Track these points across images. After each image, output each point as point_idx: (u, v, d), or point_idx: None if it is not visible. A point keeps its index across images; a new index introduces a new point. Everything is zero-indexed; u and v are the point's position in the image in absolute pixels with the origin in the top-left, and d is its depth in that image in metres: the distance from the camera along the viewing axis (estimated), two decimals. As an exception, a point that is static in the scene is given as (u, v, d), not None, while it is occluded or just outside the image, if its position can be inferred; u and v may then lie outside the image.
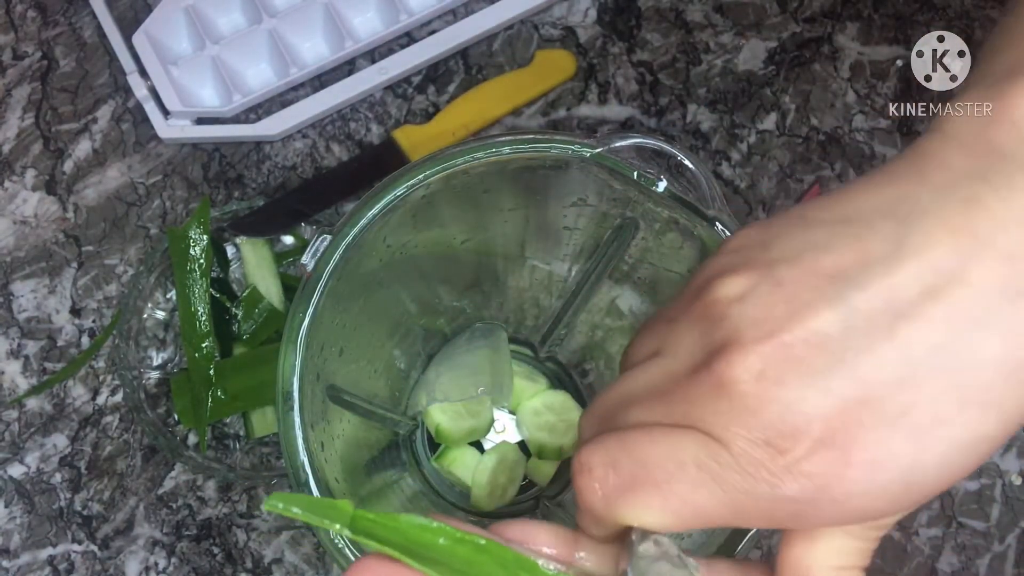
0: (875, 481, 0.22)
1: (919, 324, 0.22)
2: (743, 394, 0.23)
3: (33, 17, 0.62)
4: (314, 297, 0.38)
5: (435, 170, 0.39)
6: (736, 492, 0.23)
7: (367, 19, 0.61)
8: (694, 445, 0.24)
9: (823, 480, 0.22)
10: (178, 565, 0.54)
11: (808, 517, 0.23)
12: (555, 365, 0.55)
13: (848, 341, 0.22)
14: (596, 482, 0.25)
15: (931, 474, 0.22)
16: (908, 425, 0.22)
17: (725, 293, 0.24)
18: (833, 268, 0.23)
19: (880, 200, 0.23)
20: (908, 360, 0.22)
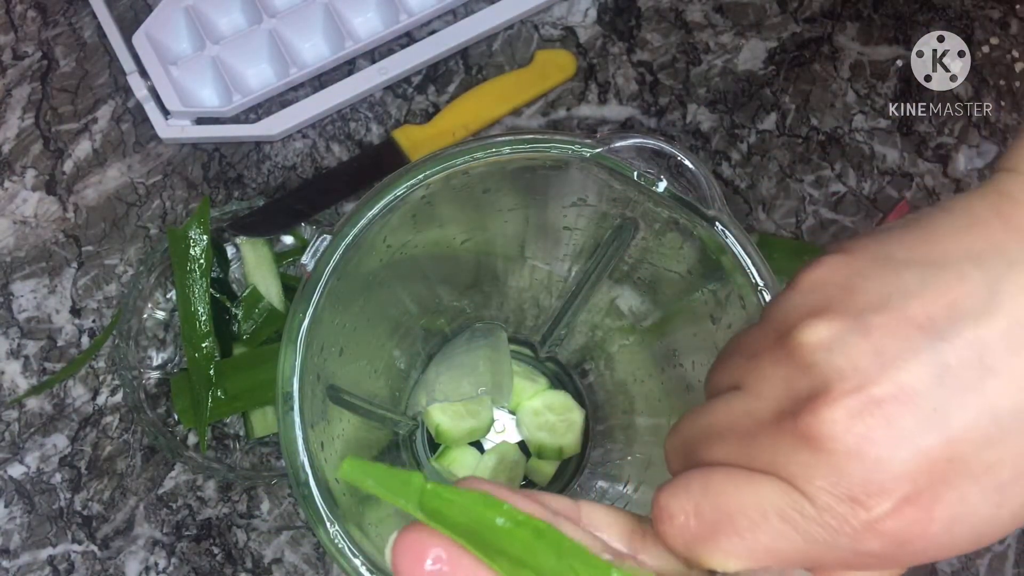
0: (951, 536, 0.23)
1: (1007, 381, 0.22)
2: (830, 449, 0.23)
3: (33, 17, 0.62)
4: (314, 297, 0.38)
5: (435, 170, 0.39)
6: (816, 543, 0.23)
7: (367, 19, 0.61)
8: (777, 494, 0.24)
9: (905, 537, 0.22)
10: (178, 565, 0.54)
11: (881, 566, 0.24)
12: (555, 365, 0.55)
13: (938, 397, 0.22)
14: (677, 530, 0.26)
15: (1003, 527, 0.23)
16: (991, 482, 0.22)
17: (812, 339, 0.24)
18: (923, 317, 0.23)
19: (968, 245, 0.23)
20: (996, 418, 0.22)
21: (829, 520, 0.23)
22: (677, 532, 0.26)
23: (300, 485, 0.36)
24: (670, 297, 0.45)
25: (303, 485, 0.36)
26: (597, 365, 0.53)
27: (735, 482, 0.25)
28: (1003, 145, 0.59)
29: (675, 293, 0.44)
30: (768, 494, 0.24)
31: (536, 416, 0.53)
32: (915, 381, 0.22)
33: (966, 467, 0.22)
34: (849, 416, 0.22)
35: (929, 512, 0.22)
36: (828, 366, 0.23)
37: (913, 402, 0.22)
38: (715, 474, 0.25)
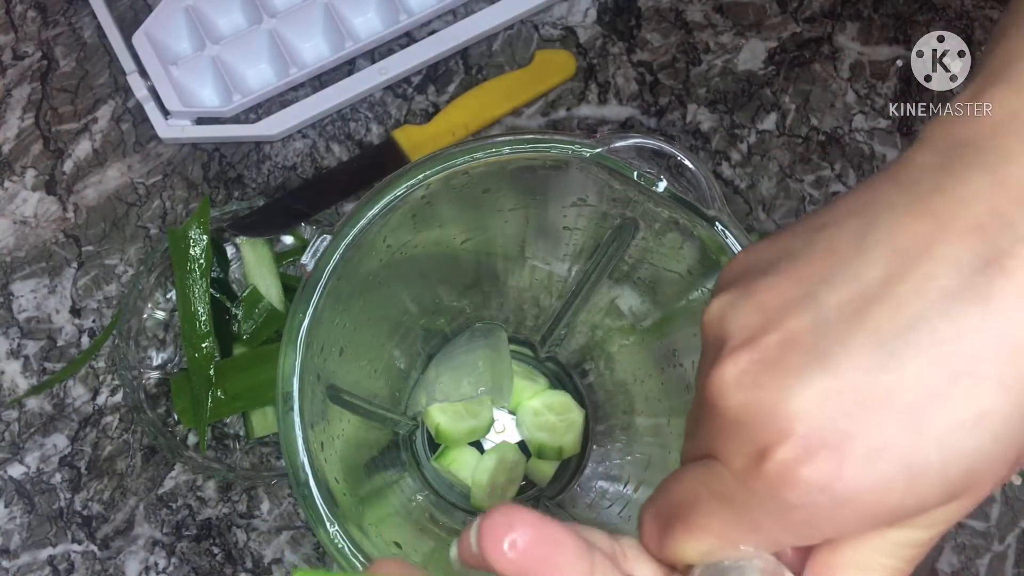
0: (875, 473, 0.21)
1: (887, 305, 0.21)
2: (727, 408, 0.23)
3: (33, 17, 0.62)
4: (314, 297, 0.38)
5: (435, 170, 0.39)
6: (747, 511, 0.23)
7: (367, 19, 0.61)
8: (704, 474, 0.24)
9: (822, 480, 0.21)
10: (178, 565, 0.54)
11: (821, 524, 0.23)
12: (555, 365, 0.55)
13: (820, 336, 0.22)
14: (648, 538, 0.26)
15: (934, 458, 0.21)
16: (897, 407, 0.21)
17: (711, 315, 0.25)
18: (804, 272, 0.23)
19: (853, 204, 0.24)
20: (881, 342, 0.21)
21: (747, 481, 0.23)
22: (646, 539, 0.26)
23: (300, 485, 0.36)
24: (670, 297, 0.45)
25: (303, 485, 0.36)
26: (597, 365, 0.53)
27: (676, 475, 0.25)
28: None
29: (675, 293, 0.44)
30: (697, 476, 0.24)
31: (536, 416, 0.53)
32: (796, 325, 0.22)
33: (864, 397, 0.21)
34: (739, 372, 0.23)
35: (839, 450, 0.21)
36: (720, 332, 0.24)
37: (796, 344, 0.22)
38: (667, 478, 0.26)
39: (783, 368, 0.22)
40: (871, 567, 0.24)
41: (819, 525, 0.23)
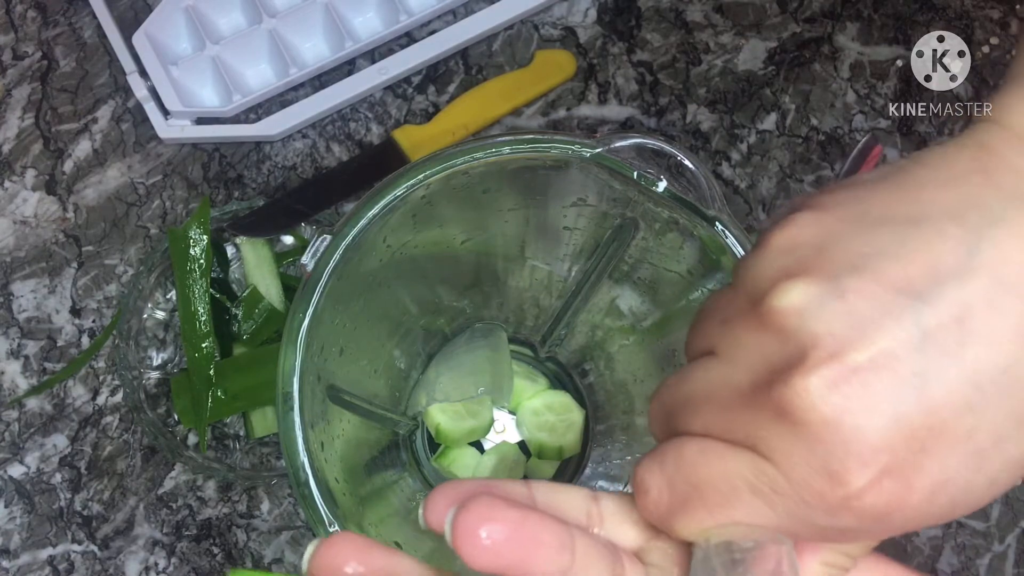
0: (932, 505, 0.22)
1: (988, 344, 0.21)
2: (805, 421, 0.22)
3: (33, 17, 0.62)
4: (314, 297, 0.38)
5: (435, 170, 0.39)
6: (790, 518, 0.23)
7: (367, 19, 0.61)
8: (749, 469, 0.23)
9: (885, 511, 0.22)
10: (178, 565, 0.54)
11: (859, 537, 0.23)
12: (555, 365, 0.55)
13: (917, 363, 0.21)
14: (651, 504, 0.25)
15: (980, 493, 0.22)
16: (970, 449, 0.21)
17: (785, 304, 0.22)
18: (901, 279, 0.21)
19: (947, 201, 0.22)
20: (976, 383, 0.21)
21: (804, 495, 0.22)
22: (651, 506, 0.25)
23: (300, 485, 0.36)
24: (670, 297, 0.45)
25: (303, 485, 0.36)
26: (597, 365, 0.53)
27: (707, 455, 0.24)
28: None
29: (675, 293, 0.44)
30: (740, 468, 0.23)
31: (536, 416, 0.53)
32: (893, 346, 0.21)
33: (946, 435, 0.21)
34: (825, 386, 0.21)
35: (909, 483, 0.21)
36: (802, 333, 0.22)
37: (891, 368, 0.21)
38: (689, 446, 0.24)
39: (874, 391, 0.21)
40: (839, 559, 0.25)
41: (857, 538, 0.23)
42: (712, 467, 0.24)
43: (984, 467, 0.21)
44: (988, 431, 0.21)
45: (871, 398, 0.21)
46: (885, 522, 0.22)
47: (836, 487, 0.21)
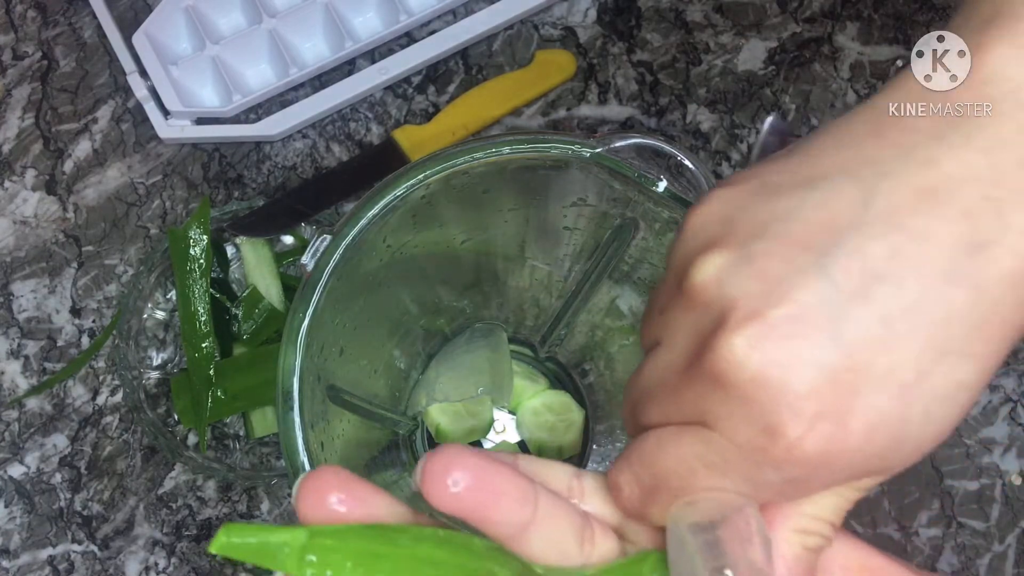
0: (871, 445, 0.22)
1: (892, 285, 0.22)
2: (734, 382, 0.23)
3: (33, 17, 0.62)
4: (314, 297, 0.38)
5: (435, 170, 0.39)
6: (745, 480, 0.24)
7: (367, 19, 0.61)
8: (700, 445, 0.24)
9: (827, 454, 0.22)
10: (178, 565, 0.54)
11: (812, 487, 0.24)
12: (555, 365, 0.55)
13: (829, 312, 0.22)
14: (625, 502, 0.26)
15: (916, 429, 0.23)
16: (894, 384, 0.22)
17: (702, 277, 0.24)
18: (804, 236, 0.23)
19: (842, 161, 0.24)
20: (887, 323, 0.22)
21: (750, 456, 0.23)
22: (625, 503, 0.26)
23: (300, 485, 0.36)
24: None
25: (303, 485, 0.36)
26: (597, 365, 0.53)
27: (662, 443, 0.25)
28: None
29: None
30: (693, 447, 0.24)
31: (536, 416, 0.53)
32: (805, 299, 0.22)
33: (868, 375, 0.22)
34: (747, 345, 0.22)
35: (843, 425, 0.22)
36: (721, 300, 0.23)
37: (806, 320, 0.22)
38: (648, 439, 0.26)
39: (793, 342, 0.22)
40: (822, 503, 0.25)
41: (810, 488, 0.24)
42: (668, 454, 0.25)
43: (913, 401, 0.22)
44: (908, 366, 0.22)
45: (792, 350, 0.22)
46: (832, 466, 0.23)
47: (775, 440, 0.22)
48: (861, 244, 0.22)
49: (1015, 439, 0.55)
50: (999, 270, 0.22)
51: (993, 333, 0.22)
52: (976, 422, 0.56)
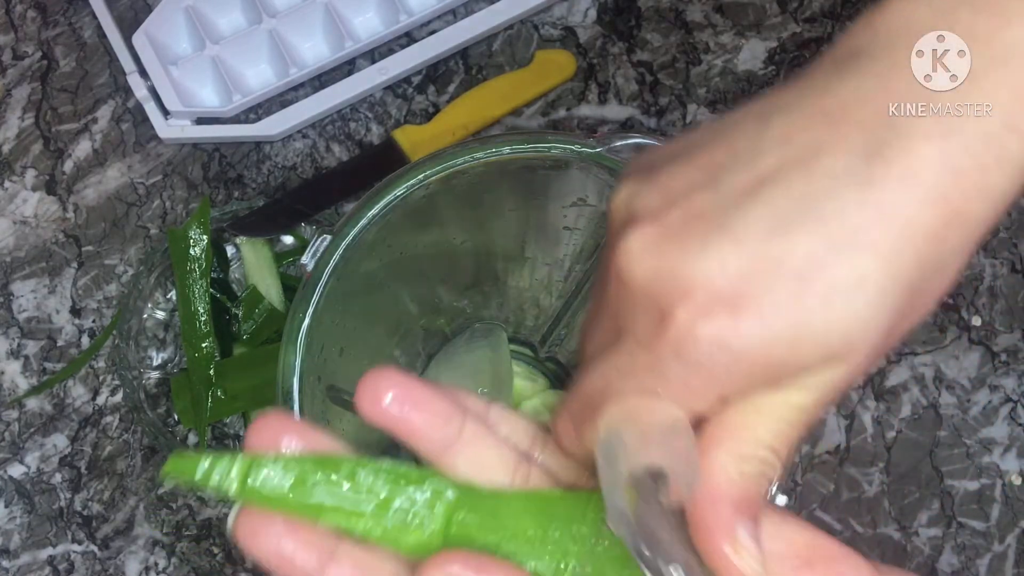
0: (766, 330, 0.23)
1: (782, 183, 0.24)
2: (632, 279, 0.24)
3: (33, 17, 0.62)
4: (314, 297, 0.38)
5: (435, 170, 0.39)
6: (654, 378, 0.25)
7: (367, 19, 0.61)
8: (614, 357, 0.26)
9: (720, 337, 0.23)
10: (178, 565, 0.54)
11: (719, 379, 0.24)
12: (555, 365, 0.55)
13: (721, 211, 0.24)
14: (564, 441, 0.28)
15: (817, 320, 0.23)
16: (789, 273, 0.23)
17: (616, 201, 0.26)
18: (704, 163, 0.25)
19: (752, 108, 0.26)
20: (777, 216, 0.23)
21: (652, 349, 0.24)
22: (565, 442, 0.28)
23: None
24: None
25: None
26: (597, 365, 0.53)
27: (590, 372, 0.27)
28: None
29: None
30: (609, 362, 0.26)
31: (536, 416, 0.53)
32: (699, 203, 0.24)
33: (762, 264, 0.23)
34: (643, 244, 0.24)
35: (737, 310, 0.23)
36: (626, 213, 0.26)
37: (699, 218, 0.24)
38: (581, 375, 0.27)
39: (686, 238, 0.24)
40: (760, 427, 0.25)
41: (717, 381, 0.24)
42: (594, 377, 0.26)
43: (810, 291, 0.23)
44: (801, 257, 0.23)
45: (684, 244, 0.24)
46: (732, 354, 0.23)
47: (668, 326, 0.24)
48: (753, 159, 0.24)
49: (1015, 439, 0.55)
50: (897, 171, 0.23)
51: (894, 230, 0.23)
52: (976, 422, 0.56)
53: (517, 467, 0.27)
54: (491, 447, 0.27)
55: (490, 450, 0.27)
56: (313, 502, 0.25)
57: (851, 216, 0.23)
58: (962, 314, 0.57)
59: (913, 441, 0.55)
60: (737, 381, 0.24)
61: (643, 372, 0.25)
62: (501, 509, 0.26)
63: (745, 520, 0.24)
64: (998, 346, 0.57)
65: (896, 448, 0.55)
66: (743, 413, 0.25)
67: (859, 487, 0.55)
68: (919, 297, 0.24)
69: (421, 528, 0.25)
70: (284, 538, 0.25)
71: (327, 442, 0.26)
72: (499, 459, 0.27)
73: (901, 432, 0.56)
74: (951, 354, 0.56)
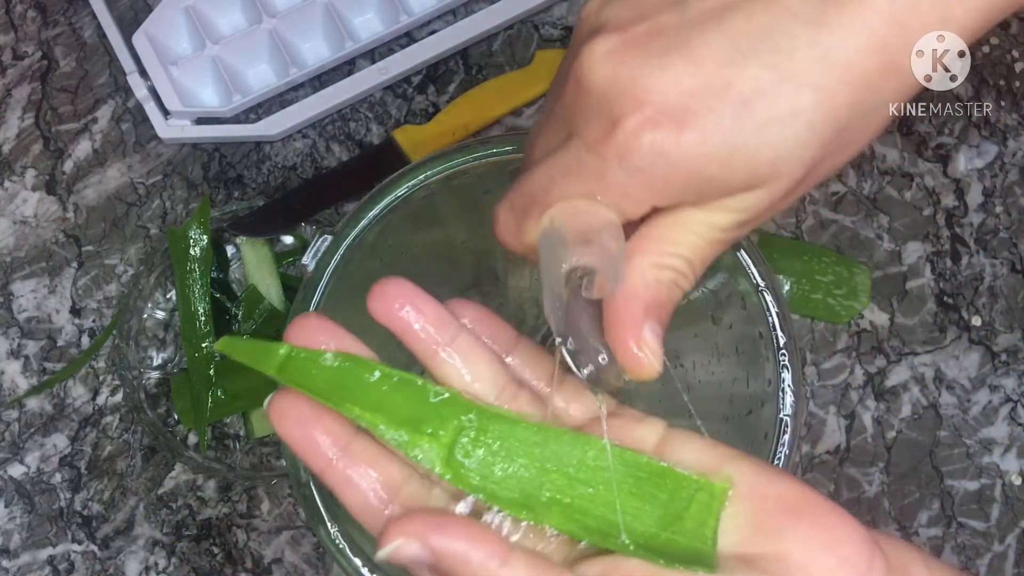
0: (705, 145, 0.25)
1: (743, 12, 0.25)
2: (591, 82, 0.26)
3: (33, 17, 0.62)
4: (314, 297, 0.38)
5: (435, 170, 0.39)
6: (596, 179, 0.26)
7: (367, 19, 0.61)
8: (562, 157, 0.27)
9: (662, 146, 0.25)
10: (178, 565, 0.54)
11: (656, 185, 0.26)
12: (555, 365, 0.55)
13: (683, 30, 0.26)
14: (503, 229, 0.30)
15: (751, 143, 0.25)
16: (735, 96, 0.25)
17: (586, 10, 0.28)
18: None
19: None
20: (734, 43, 0.25)
21: (599, 151, 0.26)
22: (503, 230, 0.30)
23: (300, 485, 0.36)
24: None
25: (303, 485, 0.36)
26: (597, 365, 0.53)
27: (536, 169, 0.28)
28: (1003, 145, 0.59)
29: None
30: (556, 160, 0.27)
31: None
32: (664, 20, 0.26)
33: (711, 84, 0.25)
34: (607, 50, 0.26)
35: (681, 122, 0.25)
36: (595, 22, 0.27)
37: (662, 35, 0.26)
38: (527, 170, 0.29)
39: (647, 50, 0.26)
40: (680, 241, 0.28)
41: (653, 190, 0.26)
42: (538, 172, 0.28)
43: (750, 115, 0.25)
44: (748, 83, 0.25)
45: (643, 56, 0.26)
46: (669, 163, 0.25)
47: (616, 131, 0.25)
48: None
49: (1015, 439, 0.55)
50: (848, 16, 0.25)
51: (835, 72, 0.25)
52: (976, 422, 0.56)
53: (506, 386, 0.29)
54: (482, 361, 0.29)
55: (480, 364, 0.29)
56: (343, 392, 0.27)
57: (800, 53, 0.25)
58: (962, 314, 0.57)
59: (913, 441, 0.55)
60: (670, 192, 0.26)
61: (587, 174, 0.26)
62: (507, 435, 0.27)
63: (652, 322, 0.27)
64: (998, 346, 0.57)
65: (896, 448, 0.55)
66: (667, 227, 0.27)
67: (859, 487, 0.55)
68: (844, 141, 0.26)
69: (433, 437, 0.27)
70: (308, 422, 0.27)
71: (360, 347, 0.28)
72: (488, 373, 0.29)
73: (901, 432, 0.56)
74: (951, 354, 0.56)
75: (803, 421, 0.49)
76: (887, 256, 0.58)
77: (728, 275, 0.40)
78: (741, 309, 0.40)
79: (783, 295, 0.39)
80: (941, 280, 0.57)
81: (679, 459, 0.28)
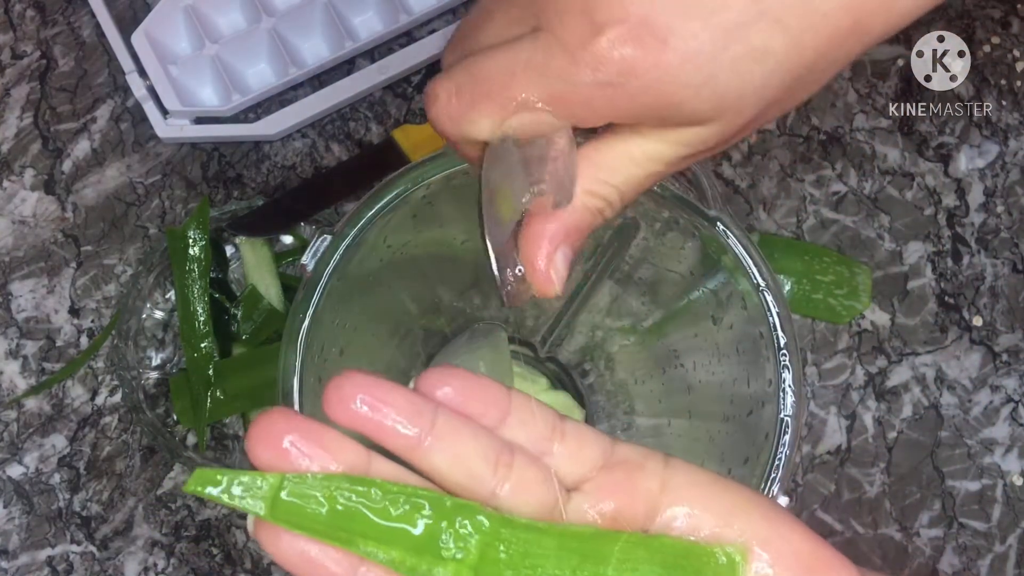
0: (682, 71, 0.25)
1: None
2: None
3: (32, 16, 0.62)
4: (314, 297, 0.38)
5: (435, 170, 0.39)
6: (562, 81, 0.25)
7: (367, 19, 0.61)
8: (527, 48, 0.26)
9: (637, 63, 0.25)
10: (177, 566, 0.54)
11: (620, 103, 0.26)
12: (555, 365, 0.55)
13: None
14: (441, 110, 0.28)
15: (723, 75, 0.25)
16: (717, 24, 0.25)
17: None
18: None
19: None
20: None
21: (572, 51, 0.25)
22: (441, 112, 0.28)
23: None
24: (671, 297, 0.45)
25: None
26: (597, 365, 0.53)
27: (491, 54, 0.27)
28: (1004, 144, 0.59)
29: (676, 293, 0.44)
30: (521, 50, 0.26)
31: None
32: None
33: (698, 9, 0.25)
34: None
35: (661, 40, 0.25)
36: None
37: None
38: (477, 54, 0.27)
39: None
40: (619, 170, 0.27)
41: (617, 105, 0.26)
42: (496, 59, 0.27)
43: (727, 46, 0.25)
44: (733, 14, 0.25)
45: None
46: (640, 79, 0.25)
47: (597, 37, 0.25)
48: None
49: (1016, 440, 0.55)
50: None
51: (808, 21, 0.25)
52: (977, 423, 0.56)
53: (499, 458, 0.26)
54: (468, 439, 0.25)
55: (467, 443, 0.25)
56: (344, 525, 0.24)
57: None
58: (963, 314, 0.57)
59: (914, 441, 0.55)
60: (634, 111, 0.26)
61: (554, 75, 0.26)
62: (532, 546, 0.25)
63: (566, 246, 0.27)
64: (999, 346, 0.56)
65: (897, 448, 0.55)
66: (608, 153, 0.27)
67: (860, 488, 0.55)
68: (796, 89, 0.26)
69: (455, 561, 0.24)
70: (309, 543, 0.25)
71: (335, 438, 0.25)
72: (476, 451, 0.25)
73: (902, 432, 0.55)
74: (952, 354, 0.56)
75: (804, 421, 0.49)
76: (888, 256, 0.58)
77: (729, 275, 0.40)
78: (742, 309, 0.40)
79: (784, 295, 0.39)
80: (942, 280, 0.57)
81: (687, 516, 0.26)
